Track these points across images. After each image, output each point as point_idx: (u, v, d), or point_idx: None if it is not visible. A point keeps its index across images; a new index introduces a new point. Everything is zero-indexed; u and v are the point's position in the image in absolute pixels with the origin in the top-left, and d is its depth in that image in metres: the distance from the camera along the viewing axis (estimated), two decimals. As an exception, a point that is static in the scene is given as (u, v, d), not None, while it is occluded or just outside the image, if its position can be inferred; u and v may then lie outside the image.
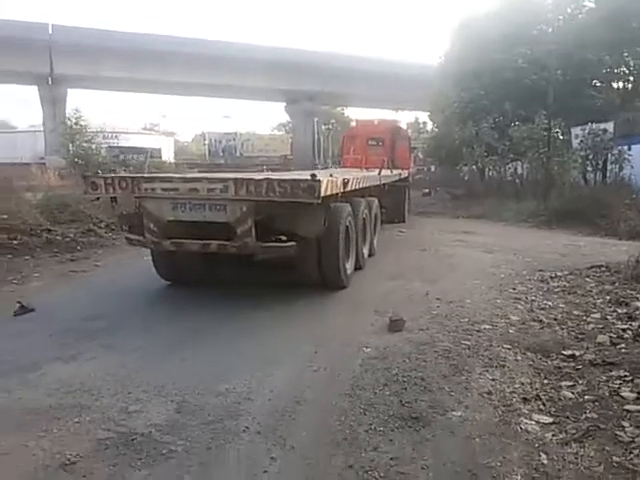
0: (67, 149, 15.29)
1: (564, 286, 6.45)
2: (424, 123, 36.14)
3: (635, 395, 3.34)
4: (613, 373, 3.69)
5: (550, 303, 5.62)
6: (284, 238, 5.47)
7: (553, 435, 2.88)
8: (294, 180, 5.23)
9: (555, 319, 5.01)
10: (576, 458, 2.66)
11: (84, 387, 3.51)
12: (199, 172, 15.88)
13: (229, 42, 37.53)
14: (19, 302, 5.55)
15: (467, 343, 4.30)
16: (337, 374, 3.71)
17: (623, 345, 4.24)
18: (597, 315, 5.14)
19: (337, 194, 5.87)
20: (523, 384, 3.52)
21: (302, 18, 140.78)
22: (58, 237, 9.86)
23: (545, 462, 2.61)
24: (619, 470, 2.55)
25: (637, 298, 5.62)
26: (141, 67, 34.65)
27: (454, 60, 21.82)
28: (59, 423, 3.04)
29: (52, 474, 2.56)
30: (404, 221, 13.95)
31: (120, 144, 38.51)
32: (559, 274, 7.07)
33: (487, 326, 4.77)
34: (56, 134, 34.77)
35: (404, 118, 40.04)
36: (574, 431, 2.92)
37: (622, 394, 3.36)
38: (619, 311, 5.24)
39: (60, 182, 15.31)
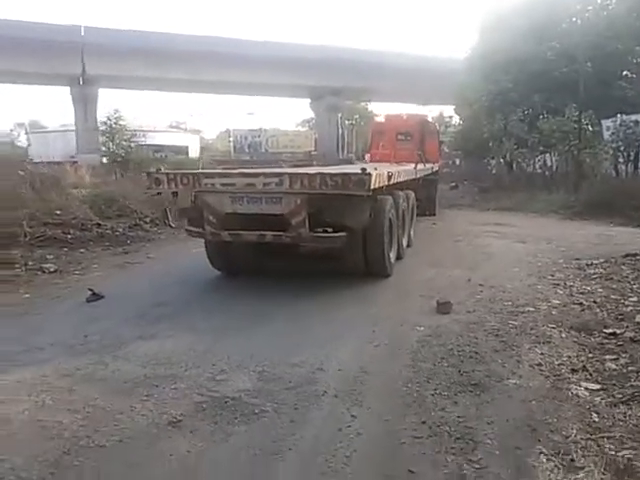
0: (108, 148, 15.86)
1: (600, 273, 6.68)
2: (450, 117, 36.02)
3: (676, 367, 3.62)
4: (653, 348, 3.97)
5: (588, 288, 5.89)
6: (330, 230, 5.76)
7: (602, 399, 3.20)
8: (345, 174, 5.52)
9: (595, 302, 5.29)
10: (624, 417, 2.97)
11: (171, 360, 3.93)
12: (226, 168, 16.38)
13: (255, 41, 37.93)
14: (90, 289, 6.03)
15: (513, 323, 4.63)
16: (397, 349, 4.09)
17: (662, 324, 4.51)
18: (634, 299, 5.40)
19: (382, 187, 6.16)
20: (570, 357, 3.84)
21: (326, 14, 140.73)
22: (108, 231, 10.37)
23: (596, 420, 2.94)
24: (664, 428, 2.86)
25: (673, 283, 5.85)
26: (168, 66, 35.18)
27: (481, 54, 21.88)
28: (157, 389, 3.46)
29: (163, 430, 2.97)
30: (435, 214, 14.16)
31: (147, 142, 39.35)
32: (595, 262, 7.29)
33: (530, 308, 5.09)
34: (89, 133, 35.88)
35: (429, 112, 39.94)
36: (620, 395, 3.23)
37: (663, 366, 3.65)
38: (656, 295, 5.48)
39: (95, 180, 15.99)
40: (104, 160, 22.00)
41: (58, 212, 10.48)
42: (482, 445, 2.70)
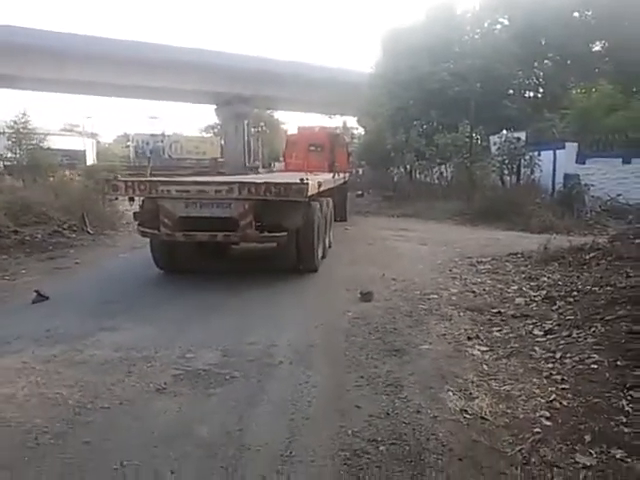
0: (14, 152, 15.42)
1: (489, 268, 7.99)
2: (356, 128, 37.81)
3: (542, 333, 4.79)
4: (527, 321, 5.15)
5: (479, 280, 7.12)
6: (271, 230, 6.72)
7: (489, 356, 4.27)
8: (287, 183, 6.52)
9: (484, 290, 6.51)
10: (505, 366, 4.05)
11: (140, 346, 4.51)
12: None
13: (159, 44, 37.28)
14: (36, 291, 6.32)
15: (422, 307, 5.69)
16: (333, 329, 4.98)
17: (534, 305, 5.75)
18: (515, 287, 6.67)
19: (313, 194, 7.15)
20: (466, 329, 4.92)
21: (232, 21, 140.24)
22: (27, 238, 10.35)
23: (486, 369, 3.99)
24: (532, 372, 3.95)
25: (544, 275, 7.19)
26: (65, 67, 33.87)
27: (384, 71, 23.61)
28: (136, 367, 4.06)
29: (152, 395, 3.60)
30: (346, 219, 15.26)
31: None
32: (484, 260, 8.63)
33: (435, 296, 6.19)
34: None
35: (333, 122, 41.58)
36: (503, 353, 4.33)
37: (534, 332, 4.82)
38: (531, 284, 6.77)
39: None
40: (1, 165, 21.00)
41: (-27, 218, 10.32)
42: (406, 388, 3.63)
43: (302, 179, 6.52)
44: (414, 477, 2.61)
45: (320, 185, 7.62)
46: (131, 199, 7.39)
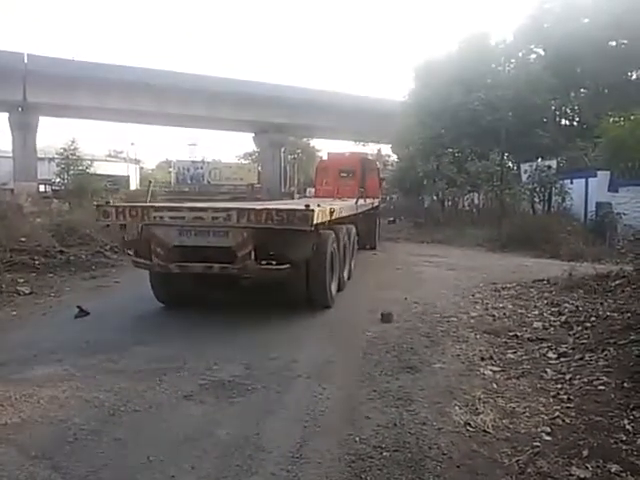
0: (62, 178, 16.35)
1: (512, 294, 8.08)
2: (388, 156, 38.24)
3: (556, 356, 4.92)
4: (543, 344, 5.28)
5: (501, 304, 7.24)
6: (275, 262, 6.06)
7: (500, 376, 4.43)
8: (290, 210, 5.87)
9: (504, 314, 6.63)
10: (515, 386, 4.20)
11: (171, 358, 4.85)
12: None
13: (200, 75, 38.68)
14: (78, 307, 6.79)
15: (440, 329, 5.88)
16: (351, 346, 5.23)
17: (552, 329, 5.86)
18: (536, 312, 6.77)
19: (325, 222, 6.55)
20: (481, 350, 5.08)
21: (272, 52, 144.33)
22: (72, 258, 10.95)
23: (495, 387, 4.16)
24: (540, 391, 4.10)
25: (567, 301, 7.26)
26: (108, 96, 35.34)
27: (417, 100, 24.03)
28: (166, 377, 4.38)
29: (180, 401, 3.92)
30: (375, 247, 14.98)
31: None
32: (508, 285, 8.72)
33: (454, 319, 6.36)
34: (27, 161, 35.40)
35: (369, 150, 42.17)
36: (513, 373, 4.48)
37: (548, 355, 4.95)
38: (552, 310, 6.86)
39: (33, 208, 16.33)
40: (49, 189, 22.20)
41: (23, 239, 11.02)
42: (415, 402, 3.84)
43: (307, 205, 5.82)
44: (413, 480, 2.82)
45: (333, 212, 6.87)
46: (122, 226, 6.88)
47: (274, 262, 6.07)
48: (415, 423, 3.49)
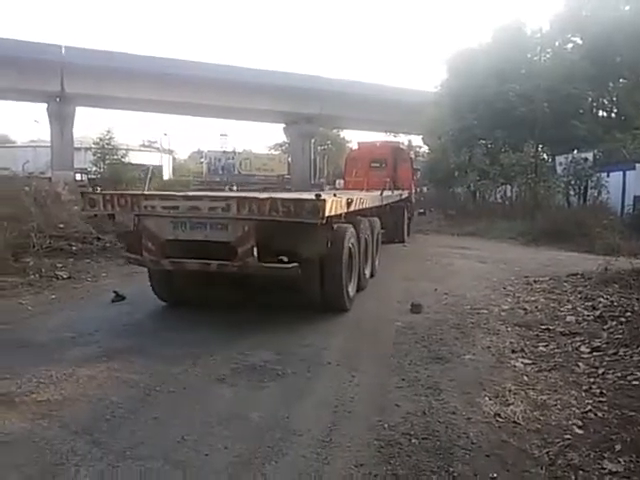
0: (99, 167, 16.75)
1: (545, 287, 7.96)
2: (419, 147, 37.90)
3: (589, 350, 4.85)
4: (576, 339, 5.21)
5: (533, 298, 7.15)
6: (285, 259, 5.35)
7: (531, 368, 4.40)
8: (298, 200, 5.20)
9: (536, 308, 6.55)
10: (546, 378, 4.17)
11: (205, 342, 4.96)
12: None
13: (232, 66, 38.89)
14: (115, 292, 6.99)
15: (471, 320, 5.85)
16: (381, 336, 5.25)
17: (585, 323, 5.77)
18: (569, 306, 6.66)
19: (340, 214, 5.81)
20: (512, 343, 5.05)
21: (303, 44, 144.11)
22: (108, 244, 11.24)
23: (526, 379, 4.13)
24: (572, 384, 4.06)
25: (601, 296, 7.12)
26: (144, 87, 36.00)
27: (449, 91, 23.70)
28: (200, 360, 4.49)
29: (213, 383, 4.02)
30: (403, 241, 14.29)
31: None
32: (541, 279, 8.59)
33: (484, 311, 6.32)
34: (65, 150, 36.31)
35: (398, 140, 41.84)
36: (545, 366, 4.44)
37: (580, 349, 4.89)
38: (586, 304, 6.73)
39: (71, 196, 16.71)
40: (85, 178, 22.71)
41: (61, 225, 11.35)
42: (445, 391, 3.85)
43: (318, 195, 5.16)
44: (441, 467, 2.84)
45: (350, 203, 6.12)
46: (111, 217, 6.36)
47: (280, 260, 5.36)
48: (444, 412, 3.50)
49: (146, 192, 6.40)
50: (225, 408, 3.58)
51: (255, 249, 5.19)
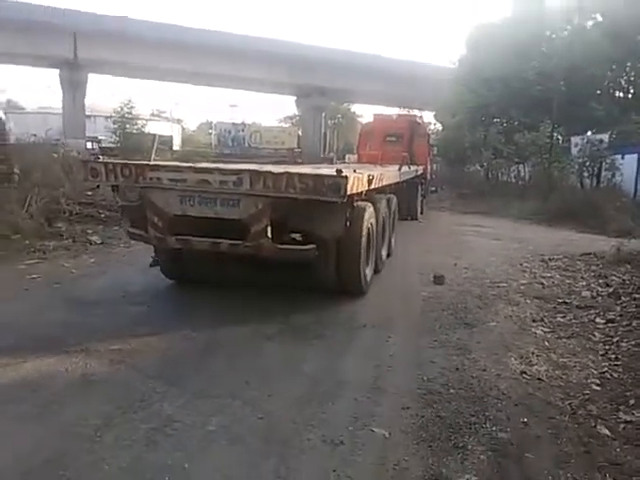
0: (118, 136, 17.01)
1: (559, 265, 8.32)
2: (433, 123, 37.80)
3: (604, 321, 5.24)
4: (591, 311, 5.59)
5: (549, 274, 7.51)
6: (299, 239, 5.22)
7: (551, 335, 4.79)
8: (318, 175, 4.76)
9: (553, 283, 6.93)
10: (565, 344, 4.57)
11: (245, 307, 5.33)
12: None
13: (245, 35, 38.54)
14: (153, 257, 7.37)
15: (492, 292, 6.24)
16: (409, 304, 5.66)
17: (600, 298, 6.15)
18: (583, 283, 7.03)
19: (361, 192, 5.42)
20: (532, 314, 5.44)
21: (317, 14, 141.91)
22: (135, 213, 11.62)
23: (547, 344, 4.53)
24: (589, 350, 4.45)
25: (614, 274, 7.48)
26: (156, 55, 35.81)
27: (468, 68, 23.60)
28: (248, 318, 4.89)
29: (262, 340, 4.42)
30: (416, 219, 14.08)
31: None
32: (556, 257, 8.94)
33: (504, 284, 6.70)
34: (76, 118, 36.37)
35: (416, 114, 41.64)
36: (563, 334, 4.83)
37: (596, 321, 5.28)
38: (600, 281, 7.10)
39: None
40: (97, 147, 22.91)
41: (89, 193, 11.73)
42: (474, 352, 4.26)
43: (339, 170, 4.68)
44: (478, 412, 3.25)
45: (372, 180, 5.73)
46: (114, 188, 5.81)
47: (296, 241, 5.16)
48: (475, 369, 3.91)
49: (151, 162, 5.97)
50: (278, 360, 4.00)
51: (269, 229, 4.85)
